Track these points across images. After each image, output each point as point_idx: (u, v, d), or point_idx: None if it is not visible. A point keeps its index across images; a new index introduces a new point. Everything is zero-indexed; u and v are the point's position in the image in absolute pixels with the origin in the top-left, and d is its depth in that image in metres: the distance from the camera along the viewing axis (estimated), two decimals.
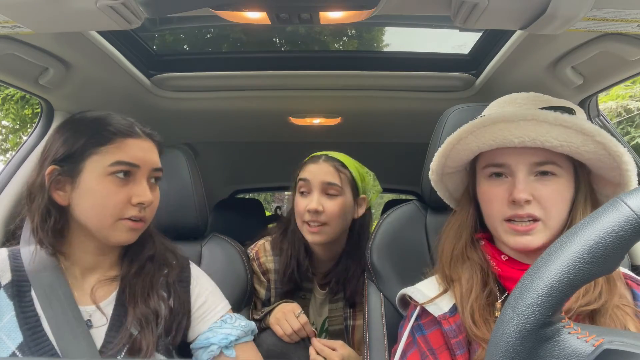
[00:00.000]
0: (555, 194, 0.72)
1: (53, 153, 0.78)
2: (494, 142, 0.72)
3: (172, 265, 0.91)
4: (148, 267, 0.87)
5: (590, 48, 1.01)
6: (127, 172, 0.78)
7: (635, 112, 6.58)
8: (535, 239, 0.72)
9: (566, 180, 0.73)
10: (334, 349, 1.12)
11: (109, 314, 0.80)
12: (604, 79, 1.13)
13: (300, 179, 1.24)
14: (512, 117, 0.70)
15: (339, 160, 1.27)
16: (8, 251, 0.82)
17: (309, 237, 1.22)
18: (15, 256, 0.81)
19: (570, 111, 0.74)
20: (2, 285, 0.76)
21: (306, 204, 1.21)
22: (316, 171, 1.23)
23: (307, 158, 1.30)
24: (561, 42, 1.04)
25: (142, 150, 0.81)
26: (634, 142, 6.37)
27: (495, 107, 0.84)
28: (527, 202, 0.71)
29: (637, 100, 6.57)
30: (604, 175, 0.74)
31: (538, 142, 0.69)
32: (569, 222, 0.73)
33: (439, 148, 0.81)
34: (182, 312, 0.86)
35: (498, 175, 0.75)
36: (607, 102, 6.60)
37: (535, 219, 0.71)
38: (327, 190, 1.21)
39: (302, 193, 1.24)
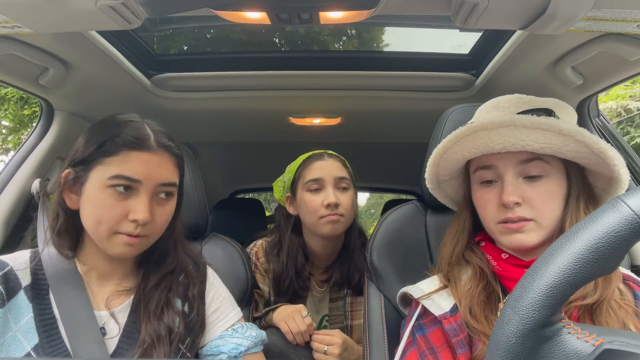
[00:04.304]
0: (545, 195, 0.72)
1: (73, 155, 0.79)
2: (477, 149, 0.75)
3: (191, 274, 0.89)
4: (167, 280, 0.85)
5: (590, 48, 1.01)
6: (127, 186, 0.75)
7: (635, 112, 6.58)
8: (527, 237, 0.72)
9: (556, 178, 0.74)
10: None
11: (122, 322, 0.80)
12: (604, 79, 1.14)
13: (311, 180, 1.24)
14: (491, 125, 0.71)
15: (339, 157, 1.30)
16: (30, 252, 0.82)
17: (329, 228, 1.22)
18: (36, 258, 0.81)
19: (549, 112, 0.75)
20: (22, 287, 0.76)
21: (321, 199, 1.22)
22: (326, 167, 1.25)
23: (303, 159, 1.31)
24: (561, 42, 1.04)
25: (147, 165, 0.76)
26: (634, 142, 6.36)
27: (481, 113, 0.86)
28: (517, 204, 0.72)
29: (637, 100, 6.57)
30: (595, 170, 0.75)
31: (519, 146, 0.70)
32: (562, 220, 0.74)
33: (429, 158, 0.83)
34: (198, 323, 0.85)
35: (489, 182, 0.77)
36: (607, 102, 6.59)
37: (526, 219, 0.72)
38: (340, 184, 1.25)
39: (313, 190, 1.25)
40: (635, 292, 0.74)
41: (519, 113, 0.76)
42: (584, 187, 0.76)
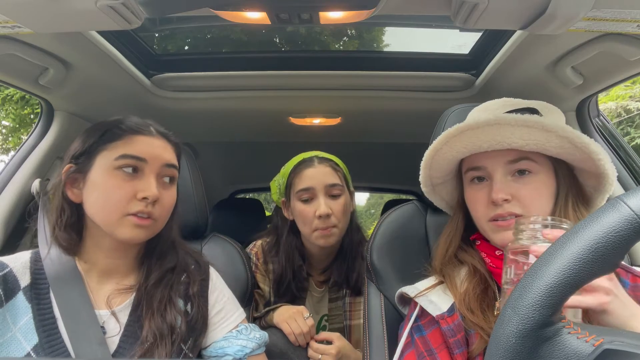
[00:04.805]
0: (534, 192, 0.74)
1: (72, 152, 0.81)
2: (465, 149, 0.77)
3: (193, 273, 0.89)
4: (168, 278, 0.86)
5: (590, 48, 1.01)
6: (134, 167, 0.78)
7: (635, 113, 6.58)
8: None
9: (545, 176, 0.75)
10: (331, 341, 1.14)
11: (123, 321, 0.80)
12: (604, 79, 1.13)
13: (301, 190, 1.23)
14: (478, 124, 0.73)
15: (331, 160, 1.28)
16: (31, 254, 0.83)
17: (322, 242, 1.22)
18: (37, 259, 0.82)
19: (534, 111, 0.77)
20: (21, 287, 0.77)
21: (314, 210, 1.21)
22: (317, 175, 1.23)
23: (294, 163, 1.29)
24: (561, 42, 1.04)
25: (151, 146, 0.81)
26: (634, 142, 6.37)
27: (472, 115, 0.87)
28: (506, 201, 0.74)
29: (637, 101, 6.57)
30: (582, 167, 0.76)
31: (505, 144, 0.72)
32: None
33: (422, 161, 0.85)
34: (200, 322, 0.86)
35: (480, 179, 0.79)
36: (607, 103, 6.60)
37: (516, 215, 0.74)
38: (331, 192, 1.23)
39: (305, 200, 1.23)
40: (622, 279, 0.74)
41: (505, 113, 0.78)
42: (572, 185, 0.77)
